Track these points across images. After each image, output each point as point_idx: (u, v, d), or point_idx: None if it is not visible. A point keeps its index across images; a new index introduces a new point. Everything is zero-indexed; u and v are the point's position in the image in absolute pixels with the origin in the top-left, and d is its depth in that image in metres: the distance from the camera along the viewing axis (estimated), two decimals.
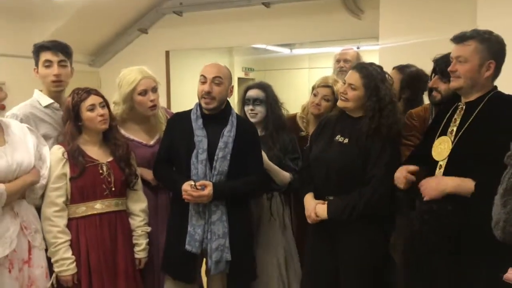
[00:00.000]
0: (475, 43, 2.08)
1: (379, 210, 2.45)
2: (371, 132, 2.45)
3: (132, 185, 2.57)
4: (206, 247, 2.53)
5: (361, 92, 2.48)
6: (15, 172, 2.25)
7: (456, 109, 2.22)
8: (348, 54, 3.43)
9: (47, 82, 2.63)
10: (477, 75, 2.10)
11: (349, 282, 2.57)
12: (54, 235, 2.37)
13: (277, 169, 2.84)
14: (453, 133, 2.16)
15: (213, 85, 2.52)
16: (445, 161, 2.14)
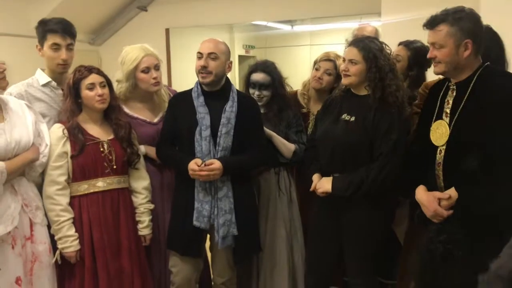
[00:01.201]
0: (446, 26, 2.05)
1: (385, 188, 2.44)
2: (377, 104, 2.44)
3: (134, 164, 2.57)
4: (213, 222, 2.55)
5: (362, 65, 2.47)
6: (14, 150, 2.25)
7: (448, 90, 2.18)
8: (366, 30, 3.32)
9: (53, 64, 2.64)
10: (456, 57, 2.06)
11: (352, 257, 2.60)
12: (57, 214, 2.38)
13: (281, 140, 2.87)
14: (448, 116, 2.13)
15: (209, 60, 2.53)
16: (444, 146, 2.12)
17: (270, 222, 2.94)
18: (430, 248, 2.14)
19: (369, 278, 2.66)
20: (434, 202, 2.11)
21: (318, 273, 2.73)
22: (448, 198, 2.08)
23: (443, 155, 2.11)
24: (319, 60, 3.12)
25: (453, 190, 2.07)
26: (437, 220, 2.13)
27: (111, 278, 2.45)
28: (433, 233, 2.14)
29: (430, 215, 2.14)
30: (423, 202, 2.16)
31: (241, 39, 8.37)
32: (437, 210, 2.10)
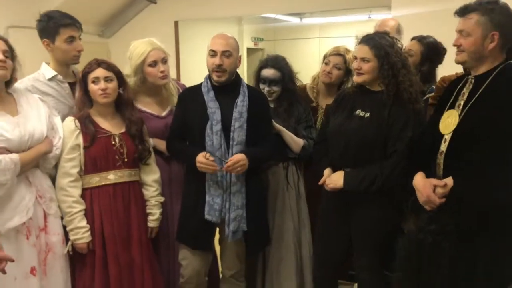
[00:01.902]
0: (476, 15, 2.03)
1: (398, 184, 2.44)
2: (391, 100, 2.45)
3: (145, 161, 2.61)
4: (224, 216, 2.57)
5: (375, 62, 2.47)
6: (28, 142, 2.28)
7: (466, 83, 2.18)
8: (388, 25, 3.28)
9: (68, 57, 2.68)
10: (481, 48, 2.05)
11: (360, 252, 2.62)
12: (69, 205, 2.42)
13: (291, 135, 2.89)
14: (460, 107, 2.13)
15: (223, 58, 2.53)
16: (450, 135, 2.12)
17: (278, 216, 2.96)
18: (419, 237, 2.15)
19: (376, 273, 2.66)
20: (429, 188, 2.10)
21: (326, 267, 2.76)
22: (444, 185, 2.07)
23: (447, 144, 2.11)
24: (328, 55, 3.14)
25: (450, 179, 2.06)
26: (429, 208, 2.12)
27: (121, 269, 2.49)
28: (424, 222, 2.15)
29: (422, 200, 2.14)
30: (419, 187, 2.16)
31: (250, 31, 8.37)
32: (430, 196, 2.09)
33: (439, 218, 2.07)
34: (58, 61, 2.71)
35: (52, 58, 2.72)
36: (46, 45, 2.69)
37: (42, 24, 2.66)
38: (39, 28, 2.68)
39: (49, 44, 2.67)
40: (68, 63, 2.73)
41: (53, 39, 2.65)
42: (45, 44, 2.69)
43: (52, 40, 2.65)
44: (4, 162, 2.14)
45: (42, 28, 2.67)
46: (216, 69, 2.54)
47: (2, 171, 2.14)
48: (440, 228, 2.06)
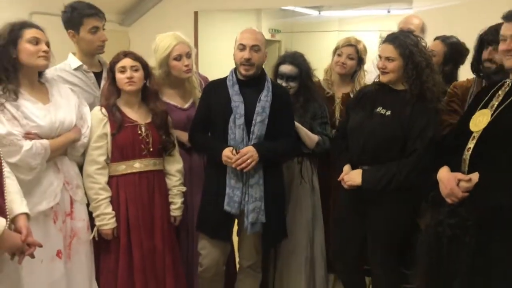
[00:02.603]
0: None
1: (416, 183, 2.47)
2: (414, 99, 2.47)
3: (169, 152, 2.67)
4: (243, 208, 2.62)
5: (400, 61, 2.49)
6: (58, 130, 2.35)
7: (503, 85, 2.19)
8: (413, 24, 3.31)
9: (93, 47, 2.74)
10: None
11: (376, 249, 2.66)
12: (96, 192, 2.48)
13: (306, 131, 2.92)
14: (494, 107, 2.14)
15: (252, 52, 2.57)
16: (479, 133, 2.13)
17: (291, 210, 2.99)
18: (438, 230, 2.18)
19: (391, 270, 2.71)
20: (453, 181, 2.12)
21: (344, 261, 2.81)
22: (469, 180, 2.09)
23: (475, 141, 2.13)
24: (341, 46, 3.21)
25: (476, 175, 2.08)
26: (451, 201, 2.14)
27: (144, 255, 2.55)
28: (444, 215, 2.17)
29: (446, 193, 2.15)
30: (443, 179, 2.18)
31: (268, 23, 8.36)
32: (454, 189, 2.11)
33: (460, 213, 2.10)
34: (83, 51, 2.77)
35: (77, 48, 2.78)
36: (71, 36, 2.74)
37: (66, 15, 2.72)
38: (64, 19, 2.74)
39: (74, 35, 2.72)
40: (93, 53, 2.79)
41: (78, 30, 2.70)
42: (70, 35, 2.74)
43: (77, 30, 2.71)
44: (35, 147, 2.21)
45: (66, 19, 2.72)
46: (244, 62, 2.58)
47: (33, 155, 2.21)
48: (460, 222, 2.08)
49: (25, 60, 2.26)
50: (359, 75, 3.22)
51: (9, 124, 2.18)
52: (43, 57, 2.29)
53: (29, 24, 2.30)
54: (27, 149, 2.18)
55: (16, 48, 2.24)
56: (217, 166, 2.64)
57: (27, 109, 2.25)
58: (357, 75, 3.22)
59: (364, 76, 3.25)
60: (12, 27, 2.26)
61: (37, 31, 2.30)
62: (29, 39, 2.26)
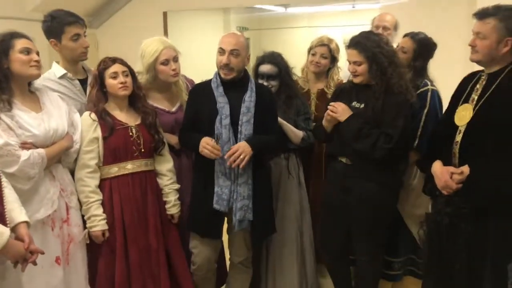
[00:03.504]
0: (494, 21, 2.20)
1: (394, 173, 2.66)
2: (383, 94, 2.63)
3: (159, 151, 2.73)
4: (232, 206, 2.70)
5: (366, 64, 2.66)
6: (52, 138, 2.39)
7: (479, 79, 2.36)
8: (387, 21, 3.50)
9: (76, 54, 2.76)
10: (495, 51, 2.24)
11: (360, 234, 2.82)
12: (86, 195, 2.54)
13: (290, 127, 3.04)
14: (474, 101, 2.32)
15: (231, 57, 2.64)
16: (464, 127, 2.31)
17: (280, 204, 3.11)
18: (437, 219, 2.35)
19: (375, 257, 2.89)
20: (447, 175, 2.30)
21: (331, 251, 2.96)
22: (461, 173, 2.27)
23: (462, 135, 2.30)
24: (314, 46, 3.36)
25: (466, 167, 2.26)
26: (446, 192, 2.32)
27: (140, 253, 2.63)
28: (441, 205, 2.37)
29: (441, 185, 2.33)
30: (437, 173, 2.36)
31: (235, 21, 8.41)
32: (448, 182, 2.29)
33: (455, 202, 2.28)
34: (67, 59, 2.79)
35: (60, 56, 2.80)
36: (53, 45, 2.76)
37: (47, 24, 2.73)
38: (44, 28, 2.75)
39: (56, 43, 2.74)
40: (77, 60, 2.82)
41: (59, 38, 2.72)
42: (52, 44, 2.75)
43: (59, 39, 2.72)
44: (32, 157, 2.25)
45: (47, 29, 2.74)
46: (223, 67, 2.66)
47: (31, 165, 2.24)
48: (456, 210, 2.27)
49: (17, 70, 2.29)
50: (333, 72, 3.38)
51: (5, 135, 2.20)
52: (35, 67, 2.32)
53: (19, 35, 2.33)
54: (25, 159, 2.22)
55: (7, 58, 2.26)
56: (205, 165, 2.71)
57: (21, 119, 2.28)
58: (331, 72, 3.37)
59: (338, 72, 3.41)
60: (3, 37, 2.28)
61: (27, 41, 2.33)
62: (21, 49, 2.29)
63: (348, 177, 2.74)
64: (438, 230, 2.37)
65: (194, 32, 6.86)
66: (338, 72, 3.42)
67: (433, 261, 2.44)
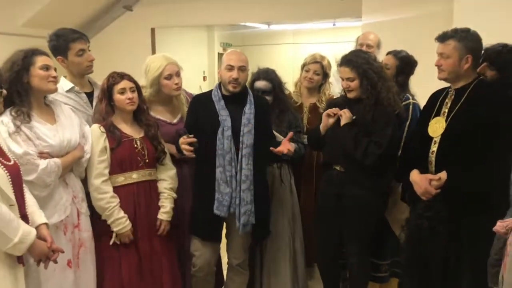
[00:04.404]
0: (454, 42, 2.48)
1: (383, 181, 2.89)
2: (373, 108, 2.86)
3: (161, 160, 2.90)
4: (233, 211, 2.89)
5: (358, 80, 2.89)
6: (66, 148, 2.55)
7: (448, 94, 2.62)
8: (371, 40, 3.75)
9: (82, 68, 2.94)
10: (458, 68, 2.50)
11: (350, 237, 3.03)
12: (107, 201, 2.68)
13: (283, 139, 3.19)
14: (445, 114, 2.56)
15: (239, 72, 2.88)
16: (439, 138, 2.54)
17: (273, 210, 3.29)
18: (417, 223, 2.57)
19: (364, 258, 3.10)
20: (426, 182, 2.52)
21: (325, 253, 3.16)
22: (438, 179, 2.49)
23: (437, 145, 2.54)
24: (308, 63, 3.57)
25: (444, 173, 2.49)
26: (426, 198, 2.53)
27: (145, 257, 2.78)
28: (421, 210, 2.58)
29: (420, 192, 2.54)
30: (416, 181, 2.57)
31: (219, 37, 8.63)
32: (427, 188, 2.50)
33: (434, 206, 2.51)
34: (73, 73, 2.97)
35: (67, 72, 2.98)
36: (61, 62, 2.93)
37: (53, 43, 2.91)
38: (51, 47, 2.92)
39: (63, 60, 2.92)
40: (83, 74, 3.00)
41: (66, 55, 2.90)
42: (60, 61, 2.93)
43: (65, 56, 2.90)
44: (49, 166, 2.41)
45: (53, 47, 2.92)
46: (233, 82, 2.87)
47: (48, 173, 2.41)
48: (435, 214, 2.50)
49: (36, 84, 2.46)
50: (325, 87, 3.60)
51: (25, 145, 2.37)
52: (52, 82, 2.50)
53: (40, 52, 2.50)
54: (43, 167, 2.38)
55: (28, 73, 2.43)
56: (206, 174, 2.90)
57: (39, 130, 2.45)
58: (323, 88, 3.59)
59: (329, 87, 3.63)
60: (25, 54, 2.45)
61: (47, 58, 2.51)
62: (41, 66, 2.46)
63: (341, 184, 2.95)
64: (418, 232, 2.59)
65: (180, 47, 7.06)
66: (330, 87, 3.65)
67: (412, 261, 2.65)
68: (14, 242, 1.90)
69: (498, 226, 2.03)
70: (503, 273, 1.99)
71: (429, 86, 2.84)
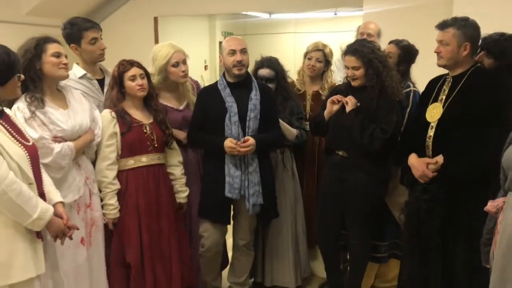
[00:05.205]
0: (453, 29, 2.57)
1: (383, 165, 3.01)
2: (377, 95, 2.96)
3: (170, 144, 3.01)
4: (243, 193, 3.01)
5: (363, 69, 2.97)
6: (78, 132, 2.66)
7: (445, 81, 2.72)
8: (371, 29, 3.83)
9: (94, 56, 3.04)
10: (457, 55, 2.59)
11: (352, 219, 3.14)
12: (105, 185, 2.81)
13: (286, 126, 3.34)
14: (443, 101, 2.67)
15: (242, 55, 2.99)
16: (435, 123, 2.65)
17: (276, 194, 3.37)
18: (416, 206, 2.67)
19: (365, 240, 3.21)
20: (423, 165, 2.62)
21: (327, 236, 3.26)
22: (435, 163, 2.60)
23: (434, 130, 2.64)
24: (310, 51, 3.65)
25: (440, 157, 2.60)
26: (423, 181, 2.64)
27: (152, 237, 2.89)
28: (419, 192, 2.68)
29: (418, 175, 2.65)
30: (414, 164, 2.67)
31: (221, 26, 8.68)
32: (425, 171, 2.61)
33: (431, 189, 2.61)
34: (86, 61, 3.06)
35: (80, 59, 3.07)
36: (74, 50, 3.02)
37: (67, 31, 3.00)
38: (65, 35, 3.02)
39: (77, 48, 3.01)
40: (95, 61, 3.09)
41: (79, 43, 2.99)
42: (73, 49, 3.02)
43: (78, 44, 3.00)
44: (63, 149, 2.53)
45: (67, 35, 3.01)
46: (237, 64, 2.98)
47: (63, 156, 2.52)
48: (432, 197, 2.60)
49: (48, 71, 2.56)
50: (327, 75, 3.69)
51: (40, 129, 2.48)
52: (64, 69, 2.60)
53: (51, 40, 2.59)
54: (58, 151, 2.50)
55: (40, 61, 2.53)
56: (215, 159, 3.02)
57: (52, 115, 2.56)
58: (325, 75, 3.69)
59: (331, 75, 3.72)
60: (38, 42, 2.54)
61: (59, 46, 2.60)
62: (53, 53, 2.55)
63: (344, 169, 3.06)
64: (416, 214, 2.69)
65: (182, 36, 7.11)
66: (332, 74, 3.74)
67: (412, 242, 2.75)
68: (33, 218, 2.02)
69: (490, 206, 2.13)
70: (493, 249, 2.09)
71: (429, 75, 2.94)
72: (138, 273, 2.85)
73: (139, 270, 2.86)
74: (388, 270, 3.54)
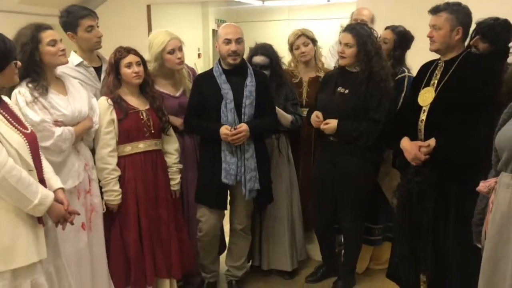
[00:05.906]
0: (446, 14, 2.62)
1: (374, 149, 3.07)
2: (365, 80, 3.00)
3: (166, 131, 3.04)
4: (239, 179, 3.05)
5: (355, 48, 3.01)
6: (77, 119, 2.69)
7: (437, 66, 2.77)
8: (365, 15, 3.86)
9: (91, 44, 3.05)
10: (449, 39, 2.64)
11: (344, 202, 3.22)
12: (108, 172, 2.83)
13: (281, 112, 3.38)
14: (435, 85, 2.72)
15: (237, 45, 3.01)
16: (428, 107, 2.70)
17: (272, 179, 3.44)
18: (408, 188, 2.73)
19: (357, 222, 3.28)
20: (415, 148, 2.67)
21: (321, 219, 3.34)
22: (427, 146, 2.65)
23: (426, 113, 2.70)
24: (293, 41, 3.66)
25: (433, 140, 2.65)
26: (415, 163, 2.69)
27: (151, 222, 2.93)
28: (411, 175, 2.74)
29: (410, 158, 2.69)
30: (407, 147, 2.72)
31: (214, 13, 8.67)
32: (417, 154, 2.66)
33: (423, 172, 2.67)
34: (83, 49, 3.07)
35: (77, 47, 3.09)
36: (70, 37, 3.04)
37: (63, 19, 3.02)
38: (62, 23, 3.03)
39: (73, 35, 3.03)
40: (92, 49, 3.10)
41: (75, 31, 3.01)
42: (69, 37, 3.03)
43: (75, 31, 3.01)
44: (64, 133, 2.56)
45: (64, 23, 3.03)
46: (232, 54, 3.00)
47: (63, 140, 2.56)
48: (424, 179, 2.66)
49: (48, 60, 2.59)
50: (318, 53, 3.71)
51: (41, 113, 2.51)
52: (63, 55, 2.62)
53: (44, 27, 2.60)
54: (58, 134, 2.53)
55: (38, 51, 2.55)
56: (212, 145, 3.05)
57: (53, 100, 2.59)
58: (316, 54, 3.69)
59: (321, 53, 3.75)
60: (31, 32, 2.55)
61: (52, 32, 2.61)
62: (48, 42, 2.57)
63: (336, 152, 3.12)
64: (408, 196, 2.75)
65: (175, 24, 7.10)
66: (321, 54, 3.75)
67: (404, 223, 2.81)
68: (34, 203, 2.05)
69: (481, 186, 2.18)
70: (485, 229, 2.15)
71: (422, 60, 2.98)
72: (138, 259, 2.90)
73: (139, 255, 2.90)
74: (382, 252, 3.61)
